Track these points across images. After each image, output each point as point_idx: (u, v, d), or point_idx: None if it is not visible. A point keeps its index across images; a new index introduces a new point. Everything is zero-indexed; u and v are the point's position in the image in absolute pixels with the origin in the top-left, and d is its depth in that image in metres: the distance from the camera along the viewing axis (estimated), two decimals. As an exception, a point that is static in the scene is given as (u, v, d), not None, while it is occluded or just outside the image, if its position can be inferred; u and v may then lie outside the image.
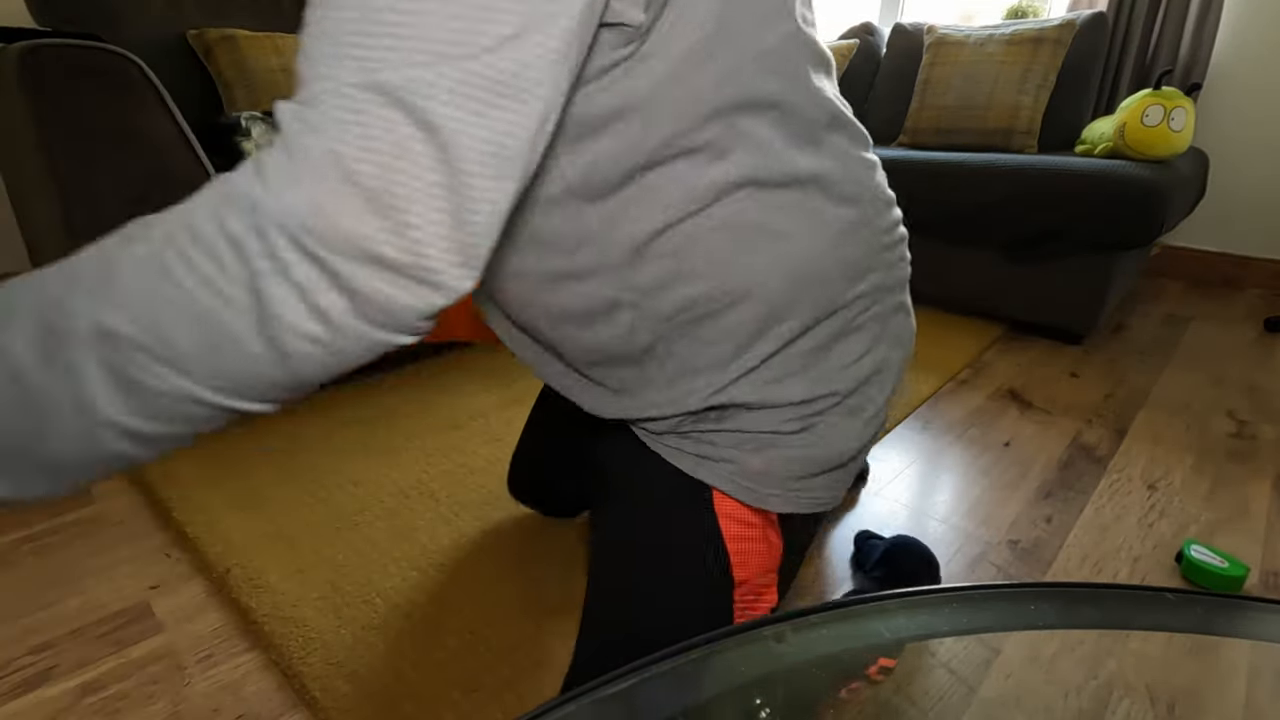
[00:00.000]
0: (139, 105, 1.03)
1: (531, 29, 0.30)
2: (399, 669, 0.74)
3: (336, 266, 0.30)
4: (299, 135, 0.30)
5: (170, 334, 0.31)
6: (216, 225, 0.31)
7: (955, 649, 0.78)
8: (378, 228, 0.30)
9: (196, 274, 0.31)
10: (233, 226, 0.30)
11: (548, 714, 0.33)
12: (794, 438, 0.52)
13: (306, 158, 0.29)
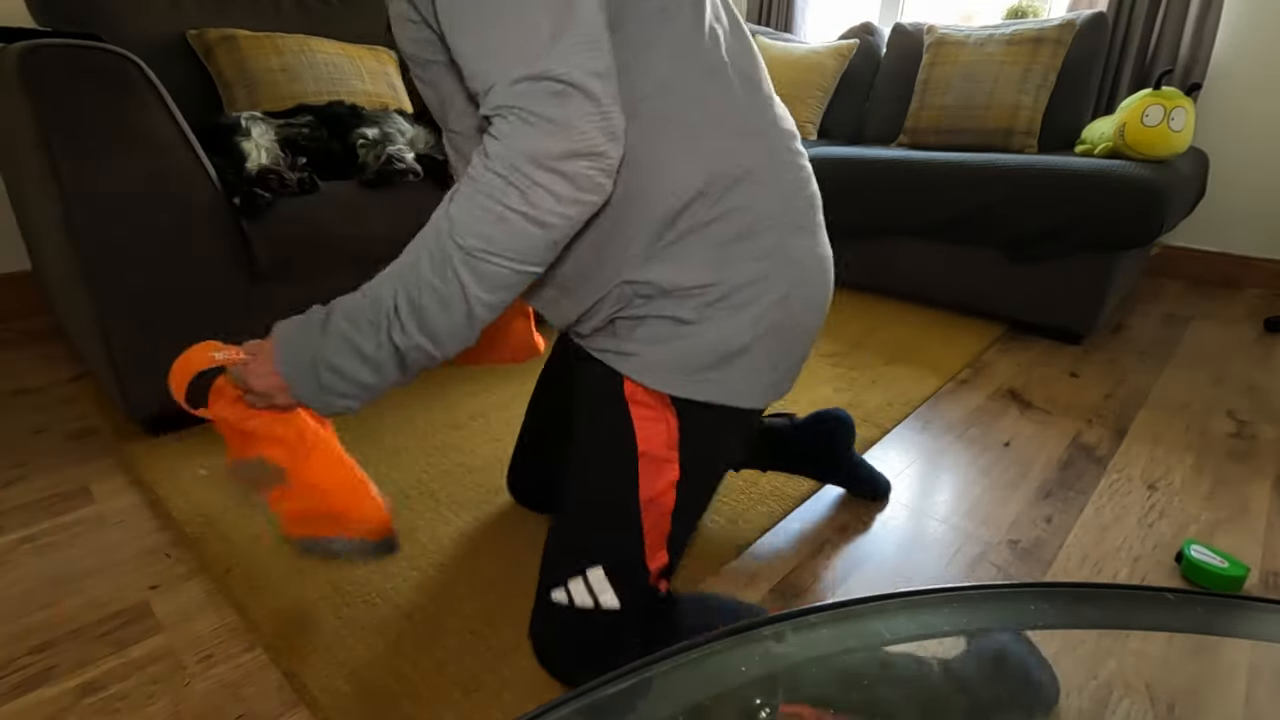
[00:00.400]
0: (139, 105, 1.03)
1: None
2: (399, 669, 0.74)
3: (563, 168, 0.51)
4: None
5: (492, 235, 0.53)
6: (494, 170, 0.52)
7: (955, 649, 0.78)
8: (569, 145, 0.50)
9: (493, 197, 0.52)
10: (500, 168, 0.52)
11: (548, 714, 0.33)
12: (689, 328, 0.64)
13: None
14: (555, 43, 0.48)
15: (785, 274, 0.66)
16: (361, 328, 0.58)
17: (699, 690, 0.40)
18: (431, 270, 0.55)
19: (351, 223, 1.27)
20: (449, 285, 0.55)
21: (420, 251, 0.56)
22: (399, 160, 1.33)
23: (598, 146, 0.51)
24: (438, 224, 0.55)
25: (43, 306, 1.82)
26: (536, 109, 0.49)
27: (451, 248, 0.53)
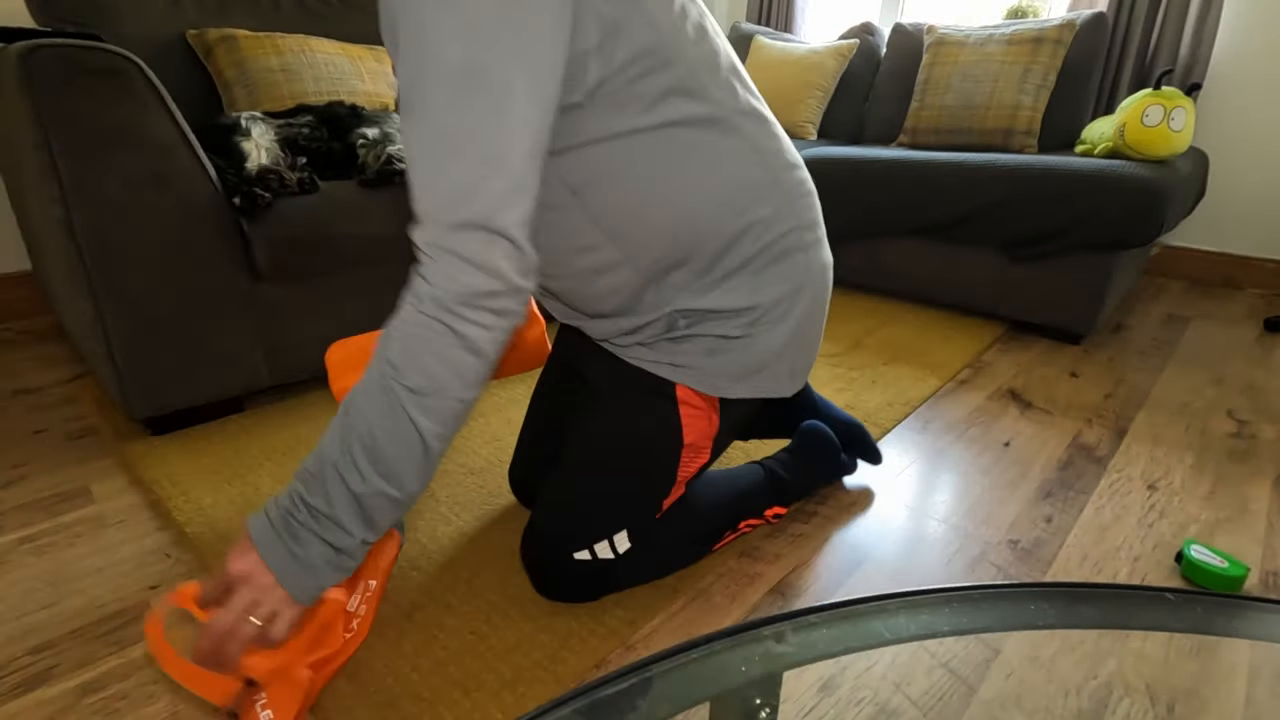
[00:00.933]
0: (139, 105, 1.03)
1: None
2: (399, 669, 0.74)
3: (488, 304, 0.56)
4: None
5: (434, 372, 0.56)
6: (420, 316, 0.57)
7: (955, 649, 0.78)
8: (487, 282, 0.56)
9: (428, 339, 0.56)
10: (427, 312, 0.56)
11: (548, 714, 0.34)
12: (735, 342, 0.75)
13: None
14: (491, 192, 0.53)
15: (808, 285, 0.78)
16: (314, 492, 0.59)
17: (699, 690, 0.40)
18: (381, 415, 0.57)
19: (351, 223, 1.27)
20: (400, 425, 0.57)
21: (365, 401, 0.57)
22: (399, 160, 1.33)
23: (516, 284, 0.56)
24: (381, 370, 0.57)
25: (43, 306, 1.82)
26: (467, 253, 0.53)
27: (399, 390, 0.56)
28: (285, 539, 0.59)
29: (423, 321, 0.55)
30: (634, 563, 0.81)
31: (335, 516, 0.59)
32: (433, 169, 0.52)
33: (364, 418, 0.57)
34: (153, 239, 1.08)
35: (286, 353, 1.29)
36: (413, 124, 0.53)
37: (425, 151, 0.52)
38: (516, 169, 0.53)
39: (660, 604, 0.85)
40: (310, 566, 0.59)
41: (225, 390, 1.23)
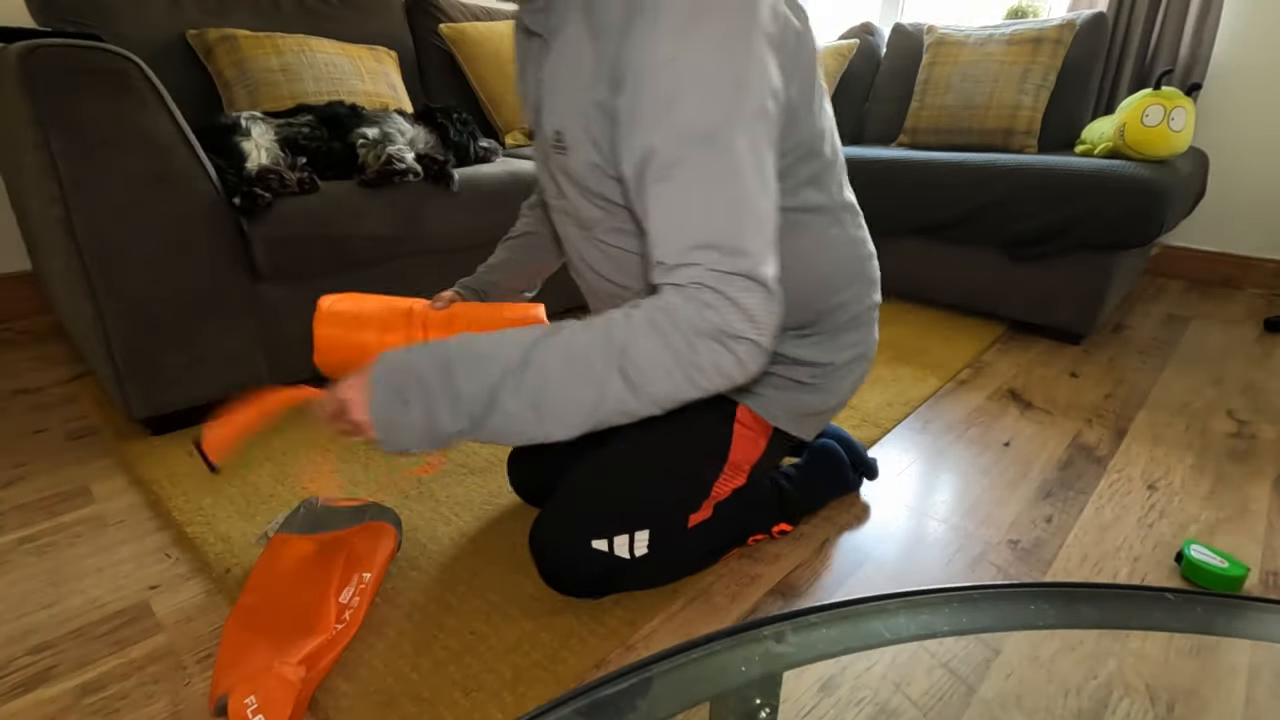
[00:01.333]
0: (139, 105, 1.03)
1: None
2: (399, 669, 0.74)
3: (737, 349, 0.57)
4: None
5: (658, 386, 0.57)
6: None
7: (955, 649, 0.78)
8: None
9: (673, 359, 0.56)
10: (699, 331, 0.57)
11: (548, 714, 0.34)
12: (806, 388, 0.82)
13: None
14: (755, 239, 0.55)
15: (870, 348, 0.87)
16: (461, 375, 0.58)
17: (699, 690, 0.40)
18: (576, 373, 0.57)
19: (351, 223, 1.27)
20: (585, 393, 0.57)
21: (568, 352, 0.57)
22: (399, 160, 1.33)
23: (765, 337, 0.57)
24: (612, 340, 0.56)
25: (43, 306, 1.82)
26: (734, 295, 0.54)
27: (615, 374, 0.56)
28: (397, 394, 0.59)
29: (676, 343, 0.55)
30: (646, 567, 0.81)
31: (459, 407, 0.58)
32: (702, 221, 0.55)
33: (555, 363, 0.57)
34: (153, 239, 1.08)
35: (286, 353, 1.29)
36: (678, 181, 0.55)
37: (722, 190, 0.55)
38: (772, 218, 0.57)
39: (660, 604, 0.85)
40: (404, 427, 0.59)
41: (225, 390, 1.23)
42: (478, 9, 2.12)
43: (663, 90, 0.54)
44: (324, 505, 0.94)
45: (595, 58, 0.59)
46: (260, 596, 0.80)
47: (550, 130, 0.68)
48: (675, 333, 0.55)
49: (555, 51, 0.65)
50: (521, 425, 0.58)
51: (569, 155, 0.67)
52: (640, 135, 0.56)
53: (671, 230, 0.56)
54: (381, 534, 0.89)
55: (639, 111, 0.56)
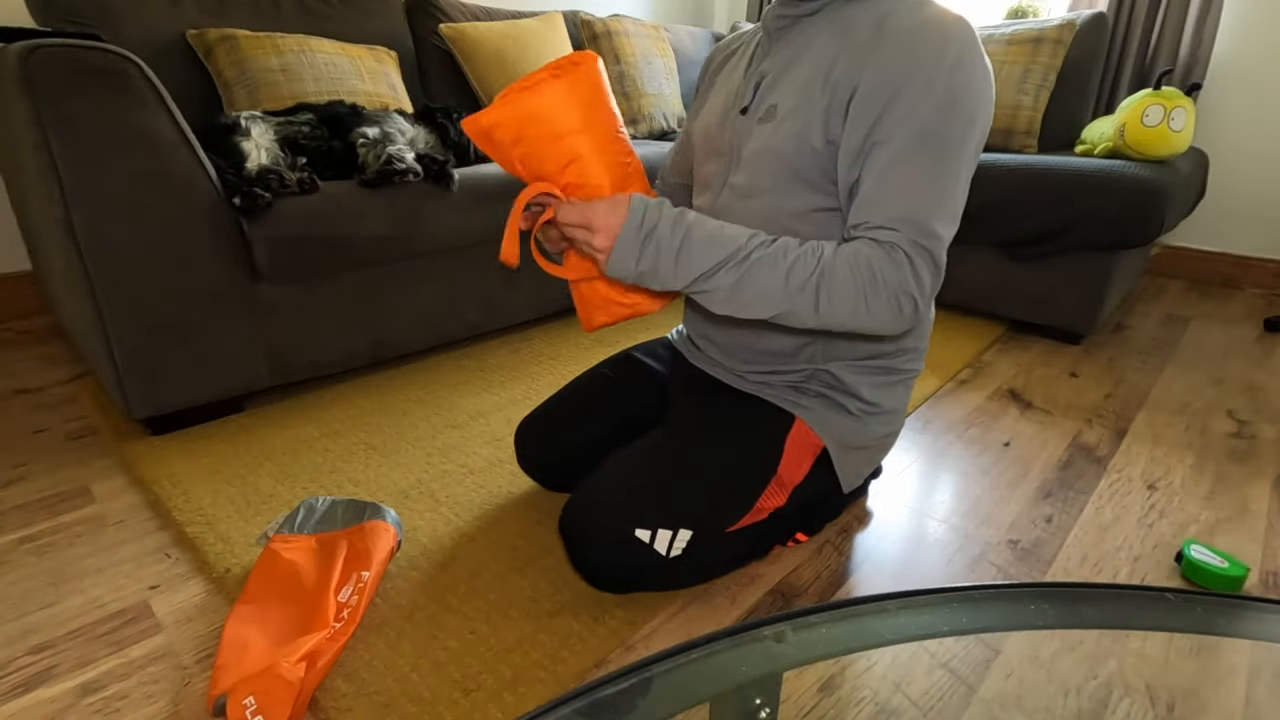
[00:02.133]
0: (139, 105, 1.03)
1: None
2: (399, 669, 0.74)
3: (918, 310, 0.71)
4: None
5: (843, 318, 0.70)
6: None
7: (955, 649, 0.78)
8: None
9: (865, 301, 0.68)
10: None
11: (548, 714, 0.34)
12: (852, 419, 0.88)
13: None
14: (945, 229, 0.69)
15: (901, 417, 0.93)
16: (709, 247, 0.69)
17: (699, 690, 0.40)
18: (789, 279, 0.68)
19: (351, 223, 1.27)
20: (786, 294, 0.69)
21: (794, 259, 0.68)
22: (399, 160, 1.33)
23: (922, 304, 0.70)
24: (817, 265, 0.68)
25: (43, 306, 1.82)
26: (918, 264, 0.67)
27: (811, 292, 0.68)
28: (642, 238, 0.68)
29: (879, 295, 0.67)
30: (676, 569, 0.81)
31: (683, 270, 0.69)
32: (941, 182, 0.68)
33: (767, 266, 0.68)
34: (153, 239, 1.08)
35: (286, 353, 1.29)
36: (927, 164, 0.68)
37: (935, 184, 0.69)
38: (954, 227, 0.71)
39: (660, 604, 0.85)
40: (631, 262, 0.69)
41: (225, 390, 1.23)
42: (478, 9, 2.12)
43: (919, 98, 0.67)
44: (324, 505, 0.94)
45: (848, 61, 0.71)
46: (260, 596, 0.80)
47: (765, 105, 0.79)
48: (867, 275, 0.67)
49: (796, 48, 0.78)
50: (719, 301, 0.70)
51: (776, 124, 0.77)
52: (887, 122, 0.68)
53: (885, 199, 0.68)
54: (381, 533, 0.89)
55: (891, 106, 0.67)
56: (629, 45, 2.32)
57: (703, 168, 0.91)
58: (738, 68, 0.88)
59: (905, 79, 0.67)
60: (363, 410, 1.32)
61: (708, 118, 0.90)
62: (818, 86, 0.73)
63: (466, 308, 1.56)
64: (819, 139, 0.73)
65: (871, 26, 0.71)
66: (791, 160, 0.76)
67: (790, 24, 0.80)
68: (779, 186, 0.78)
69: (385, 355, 1.45)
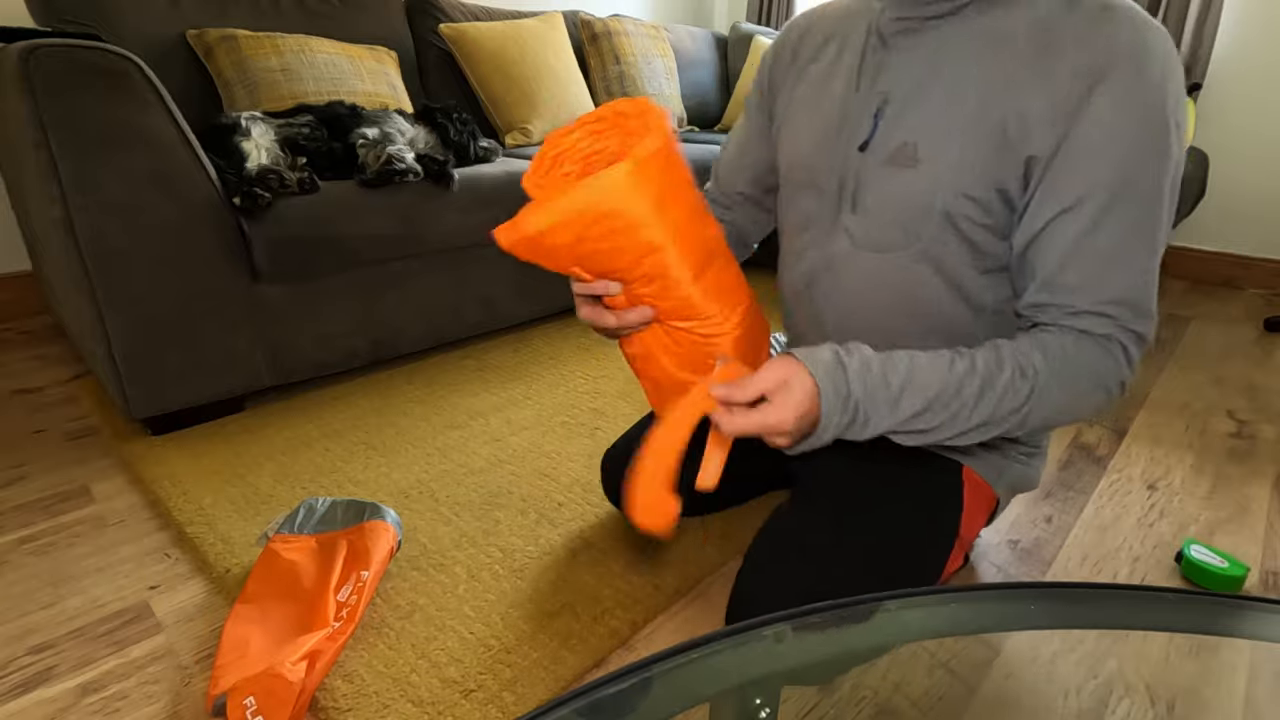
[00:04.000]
0: (139, 105, 1.03)
1: None
2: (398, 669, 0.74)
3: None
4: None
5: (1059, 411, 0.59)
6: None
7: (955, 649, 0.78)
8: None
9: (1079, 398, 0.59)
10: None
11: (548, 714, 0.33)
12: (1018, 463, 0.78)
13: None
14: (1154, 302, 0.60)
15: (1046, 455, 0.84)
16: (917, 400, 0.56)
17: (699, 690, 0.40)
18: (995, 407, 0.57)
19: (351, 223, 1.27)
20: (991, 422, 0.58)
21: (1004, 385, 0.57)
22: (399, 160, 1.33)
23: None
24: (1030, 392, 0.57)
25: (43, 306, 1.82)
26: (1134, 355, 0.59)
27: (1018, 415, 0.58)
28: (845, 424, 0.55)
29: (1085, 384, 0.58)
30: None
31: (889, 418, 0.56)
32: (1126, 276, 0.58)
33: (971, 398, 0.57)
34: (153, 239, 1.08)
35: (286, 353, 1.29)
36: (1140, 222, 0.57)
37: (1149, 250, 0.58)
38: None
39: (660, 604, 0.85)
40: (825, 440, 0.56)
41: (225, 390, 1.23)
42: (478, 9, 2.12)
43: (1125, 139, 0.55)
44: (324, 505, 0.94)
45: (1013, 85, 0.58)
46: (260, 596, 0.80)
47: (894, 141, 0.64)
48: (1085, 385, 0.58)
49: (927, 62, 0.63)
50: (918, 438, 0.58)
51: (917, 171, 0.63)
52: (1084, 173, 0.56)
53: (1095, 277, 0.57)
54: (380, 533, 0.89)
55: (1088, 152, 0.56)
56: (629, 45, 2.32)
57: (795, 201, 0.76)
58: (834, 76, 0.70)
59: (1108, 117, 0.54)
60: (363, 410, 1.32)
61: (802, 141, 0.73)
62: (972, 123, 0.59)
63: (466, 308, 1.56)
64: (980, 186, 0.60)
65: (1036, 34, 0.57)
66: (947, 211, 0.62)
67: (914, 28, 0.63)
68: (929, 239, 0.65)
69: (385, 355, 1.45)
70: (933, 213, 0.63)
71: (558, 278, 1.05)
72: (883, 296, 0.69)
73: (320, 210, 1.23)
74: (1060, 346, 0.57)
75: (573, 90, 2.12)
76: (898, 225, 0.65)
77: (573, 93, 2.12)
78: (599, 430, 1.26)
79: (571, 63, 2.15)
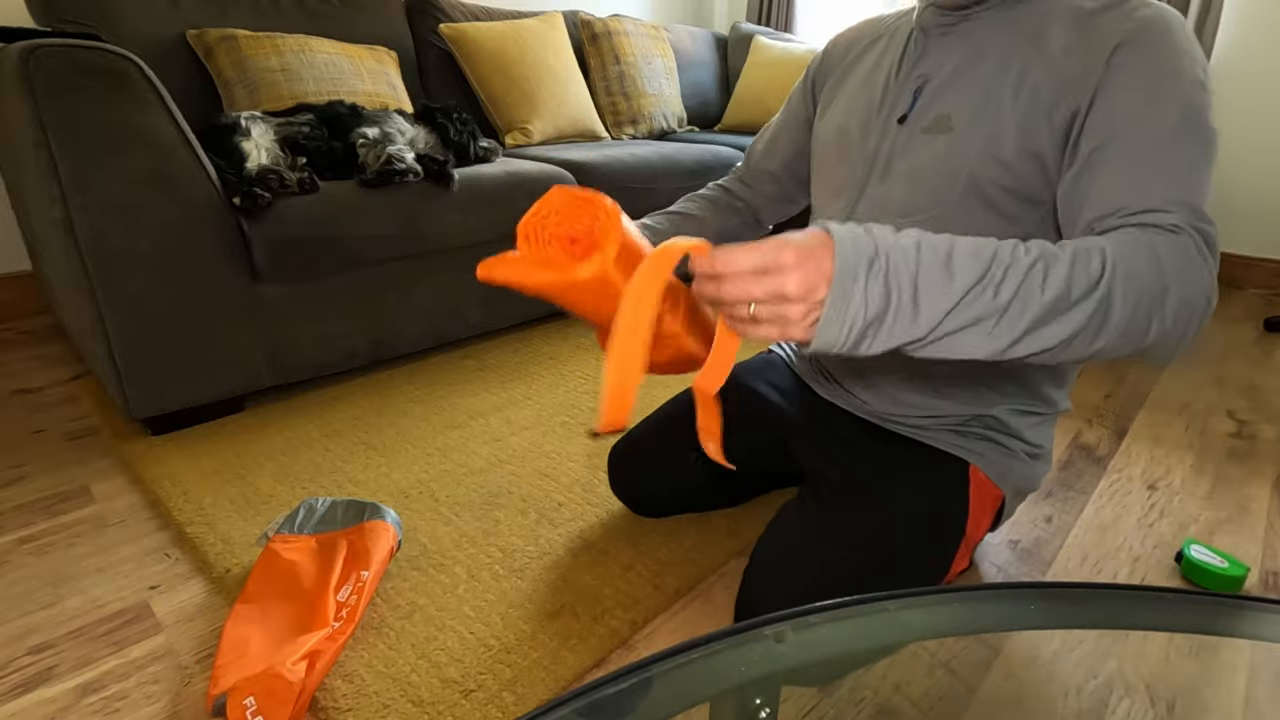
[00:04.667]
0: (139, 105, 1.03)
1: None
2: (398, 669, 0.74)
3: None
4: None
5: (1131, 317, 0.50)
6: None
7: (955, 649, 0.78)
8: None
9: (1154, 296, 0.50)
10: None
11: (548, 714, 0.33)
12: (1019, 460, 0.78)
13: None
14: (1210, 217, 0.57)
15: (1050, 459, 0.84)
16: (971, 263, 0.46)
17: (699, 690, 0.40)
18: (1068, 283, 0.47)
19: (351, 223, 1.27)
20: (1062, 326, 0.48)
21: (1068, 255, 0.48)
22: (399, 160, 1.33)
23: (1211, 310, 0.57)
24: (1105, 263, 0.48)
25: (43, 306, 1.82)
26: (1209, 257, 0.53)
27: (1097, 303, 0.48)
28: (868, 267, 0.44)
29: (1166, 270, 0.49)
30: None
31: (921, 303, 0.45)
32: (1186, 180, 0.56)
33: (1036, 288, 0.46)
34: (153, 239, 1.08)
35: (286, 353, 1.29)
36: (1191, 147, 0.57)
37: (1186, 166, 0.57)
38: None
39: (660, 604, 0.85)
40: (858, 317, 0.44)
41: (225, 390, 1.23)
42: (478, 9, 2.12)
43: (1146, 79, 0.57)
44: (324, 505, 0.94)
45: (1046, 60, 0.62)
46: (260, 596, 0.80)
47: (931, 113, 0.69)
48: (1165, 264, 0.49)
49: (967, 50, 0.68)
50: (978, 340, 0.47)
51: (952, 137, 0.67)
52: (1116, 112, 0.58)
53: (1149, 183, 0.55)
54: (380, 533, 0.89)
55: (1114, 93, 0.58)
56: (629, 45, 2.32)
57: (832, 171, 0.80)
58: (880, 66, 0.77)
59: (1140, 60, 0.58)
60: (363, 410, 1.32)
61: (842, 118, 0.79)
62: (1007, 95, 0.64)
63: (466, 308, 1.56)
64: (1011, 151, 0.63)
65: (1067, 19, 0.62)
66: (974, 175, 0.66)
67: (955, 22, 0.69)
68: (950, 204, 0.68)
69: (385, 355, 1.45)
70: (960, 176, 0.66)
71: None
72: None
73: (320, 210, 1.23)
74: (1123, 235, 0.51)
75: (573, 90, 2.12)
76: (928, 190, 0.69)
77: (573, 93, 2.12)
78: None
79: (571, 63, 2.15)
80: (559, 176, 1.62)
